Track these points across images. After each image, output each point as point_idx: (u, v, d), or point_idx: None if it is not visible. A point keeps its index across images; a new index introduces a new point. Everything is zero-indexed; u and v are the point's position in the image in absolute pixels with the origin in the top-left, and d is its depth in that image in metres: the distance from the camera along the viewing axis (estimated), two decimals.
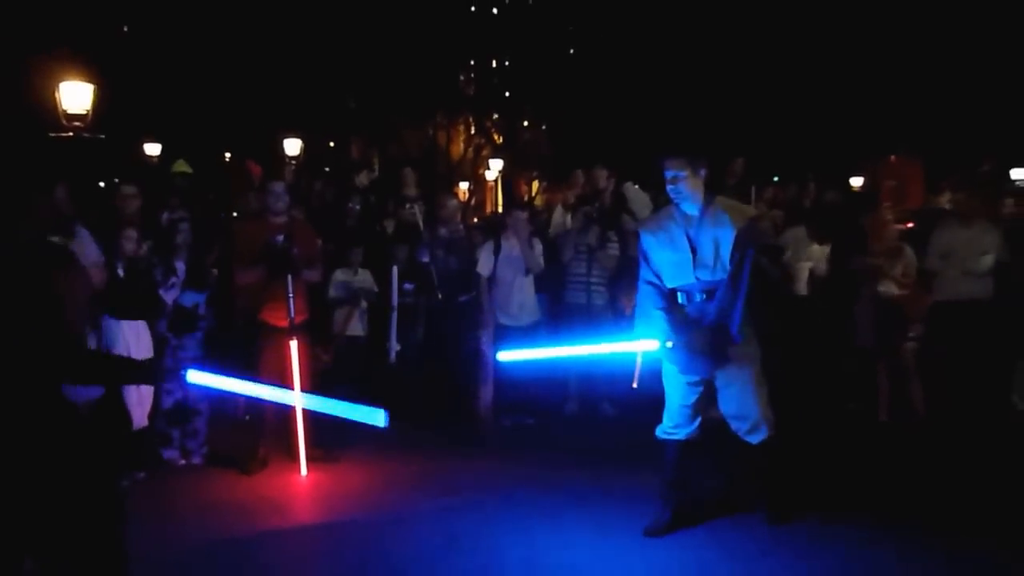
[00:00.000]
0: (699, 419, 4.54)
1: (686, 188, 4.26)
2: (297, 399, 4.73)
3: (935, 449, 6.13)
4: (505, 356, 3.57)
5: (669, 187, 4.29)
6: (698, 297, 4.36)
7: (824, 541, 4.44)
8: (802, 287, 6.94)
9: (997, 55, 17.36)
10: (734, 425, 4.54)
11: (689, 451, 4.58)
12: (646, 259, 4.41)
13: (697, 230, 4.29)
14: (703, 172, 4.32)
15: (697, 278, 4.31)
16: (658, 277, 4.40)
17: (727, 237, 4.23)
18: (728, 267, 4.28)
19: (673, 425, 4.56)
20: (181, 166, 9.55)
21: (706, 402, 4.55)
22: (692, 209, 4.31)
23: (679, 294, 4.40)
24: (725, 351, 4.36)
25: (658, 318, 4.37)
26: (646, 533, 4.53)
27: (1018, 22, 16.55)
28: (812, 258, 6.99)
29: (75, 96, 11.47)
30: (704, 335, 4.33)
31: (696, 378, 4.46)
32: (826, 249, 7.03)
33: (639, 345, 4.48)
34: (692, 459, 4.63)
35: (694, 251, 4.29)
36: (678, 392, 4.51)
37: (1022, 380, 6.92)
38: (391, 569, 4.23)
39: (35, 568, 2.78)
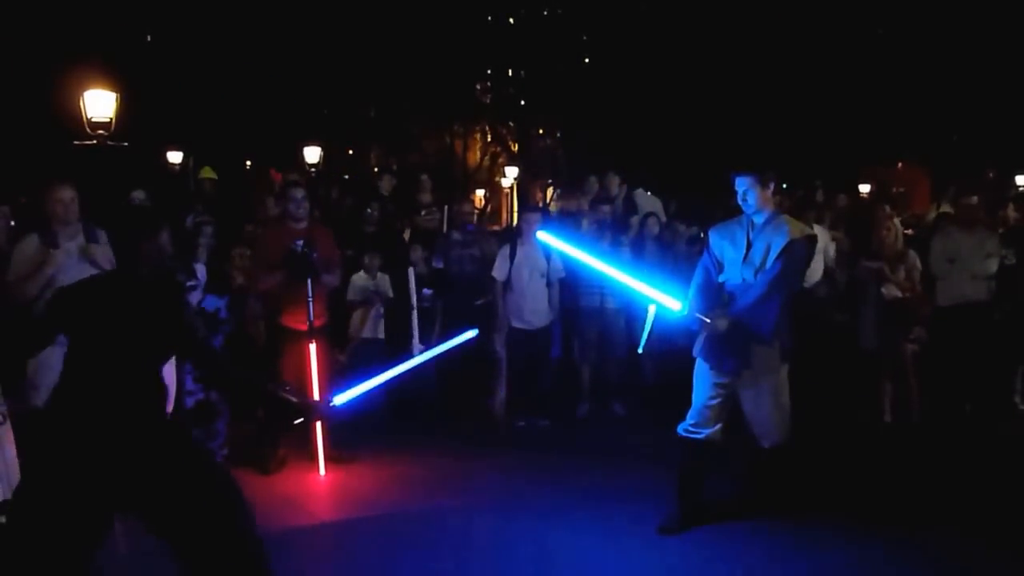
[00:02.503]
0: (721, 423, 4.67)
1: (753, 200, 4.56)
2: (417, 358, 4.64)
3: (939, 450, 6.19)
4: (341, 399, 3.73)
5: (739, 199, 4.60)
6: (739, 294, 4.57)
7: (832, 543, 4.50)
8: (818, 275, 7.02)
9: (1002, 62, 17.32)
10: (752, 427, 4.68)
11: (707, 452, 4.68)
12: (708, 250, 4.75)
13: (757, 234, 4.57)
14: (771, 186, 4.63)
15: (743, 278, 4.55)
16: (716, 269, 4.68)
17: (779, 243, 4.48)
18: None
19: (695, 424, 4.68)
20: (207, 172, 9.73)
21: (730, 408, 4.69)
22: (759, 218, 4.60)
23: (726, 290, 4.65)
24: (750, 349, 4.51)
25: (697, 292, 4.67)
26: (660, 531, 4.64)
27: (1022, 29, 16.53)
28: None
29: (99, 104, 11.69)
30: (732, 325, 4.50)
31: (723, 379, 4.61)
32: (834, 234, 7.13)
33: (662, 298, 4.66)
34: (709, 460, 4.72)
35: (748, 252, 4.56)
36: (704, 391, 4.66)
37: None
38: (407, 566, 4.32)
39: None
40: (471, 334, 4.41)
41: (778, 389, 4.63)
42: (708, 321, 4.54)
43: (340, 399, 3.60)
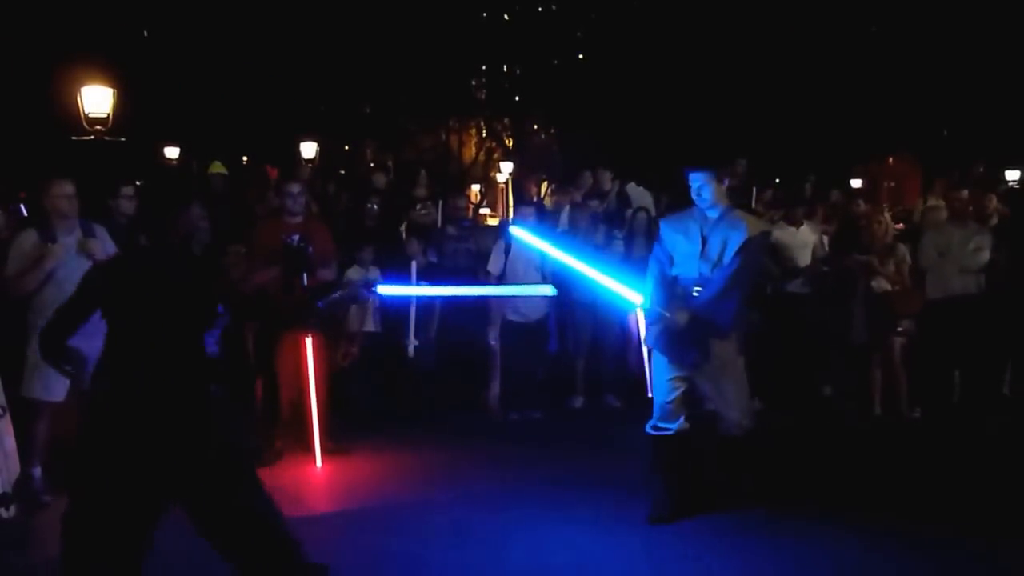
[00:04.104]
0: (683, 415, 4.71)
1: (708, 195, 4.59)
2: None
3: (929, 442, 6.25)
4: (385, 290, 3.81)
5: (694, 194, 4.62)
6: (694, 289, 4.61)
7: (823, 534, 4.54)
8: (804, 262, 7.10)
9: (992, 57, 17.38)
10: (720, 419, 4.75)
11: (681, 444, 4.73)
12: (660, 243, 4.75)
13: (712, 229, 4.59)
14: (726, 181, 4.68)
15: (700, 272, 4.58)
16: (668, 262, 4.70)
17: (737, 239, 4.51)
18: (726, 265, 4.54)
19: (661, 420, 4.74)
20: (217, 167, 9.64)
21: (693, 399, 4.75)
22: (713, 213, 4.63)
23: (680, 284, 4.67)
24: (707, 343, 4.56)
25: (655, 286, 4.70)
26: (650, 520, 4.69)
27: (1013, 24, 16.61)
28: (805, 239, 7.16)
29: (96, 100, 11.75)
30: (691, 320, 4.55)
31: (682, 373, 4.66)
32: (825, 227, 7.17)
33: (624, 292, 4.75)
34: (686, 450, 4.76)
35: (704, 246, 4.58)
36: (664, 388, 4.73)
37: (1014, 374, 7.05)
38: (401, 558, 4.35)
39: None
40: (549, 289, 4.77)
41: (739, 378, 4.71)
42: (668, 315, 4.59)
43: (383, 290, 3.68)
